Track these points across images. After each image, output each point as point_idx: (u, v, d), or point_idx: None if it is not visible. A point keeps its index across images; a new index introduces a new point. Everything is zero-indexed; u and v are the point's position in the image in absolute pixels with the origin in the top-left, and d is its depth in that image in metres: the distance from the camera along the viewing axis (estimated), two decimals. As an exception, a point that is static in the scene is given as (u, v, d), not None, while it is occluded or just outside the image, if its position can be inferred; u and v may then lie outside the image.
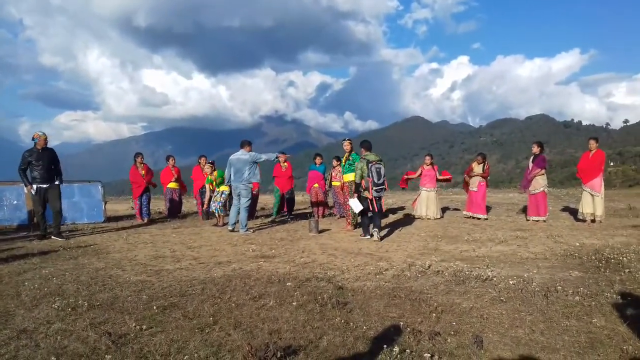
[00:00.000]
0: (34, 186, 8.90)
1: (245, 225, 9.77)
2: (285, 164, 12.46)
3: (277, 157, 10.44)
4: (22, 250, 7.72)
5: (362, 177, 8.71)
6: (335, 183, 11.98)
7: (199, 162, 12.64)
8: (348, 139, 10.37)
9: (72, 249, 7.84)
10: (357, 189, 8.86)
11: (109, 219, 12.43)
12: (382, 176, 8.62)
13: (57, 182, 9.24)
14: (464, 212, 11.87)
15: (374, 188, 8.50)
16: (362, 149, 9.07)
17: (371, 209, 8.59)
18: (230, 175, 9.83)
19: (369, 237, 8.65)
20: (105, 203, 12.59)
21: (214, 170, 11.37)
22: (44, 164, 9.01)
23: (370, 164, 8.58)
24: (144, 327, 3.84)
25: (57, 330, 3.83)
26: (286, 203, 12.63)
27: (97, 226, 11.27)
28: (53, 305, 4.46)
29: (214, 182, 11.18)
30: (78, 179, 12.79)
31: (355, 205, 8.81)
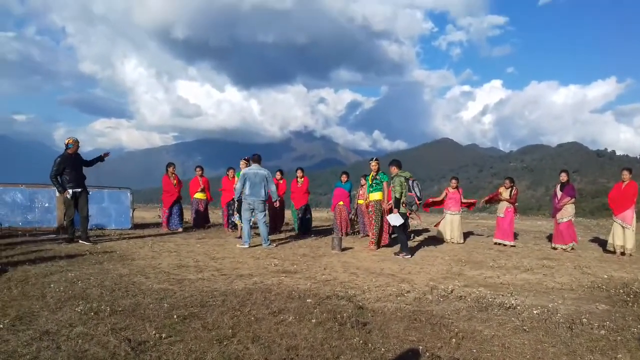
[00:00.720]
0: (70, 190, 9.11)
1: (268, 239, 9.79)
2: (302, 179, 12.51)
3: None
4: (50, 253, 7.89)
5: (402, 193, 8.98)
6: (360, 201, 11.97)
7: (227, 174, 12.77)
8: (376, 159, 10.46)
9: (98, 254, 7.97)
10: (398, 205, 9.04)
11: (136, 226, 12.62)
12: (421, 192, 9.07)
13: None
14: (494, 239, 11.68)
15: (420, 202, 9.00)
16: (394, 167, 9.24)
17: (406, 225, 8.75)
18: (244, 188, 9.74)
19: (410, 256, 8.87)
20: (134, 210, 12.79)
21: None
22: (77, 169, 9.24)
23: (408, 180, 8.98)
24: (164, 335, 3.87)
25: (78, 333, 3.88)
26: (301, 223, 12.62)
27: (123, 232, 11.45)
28: (76, 309, 4.54)
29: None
30: (109, 185, 13.04)
31: (396, 220, 8.99)
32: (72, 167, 9.16)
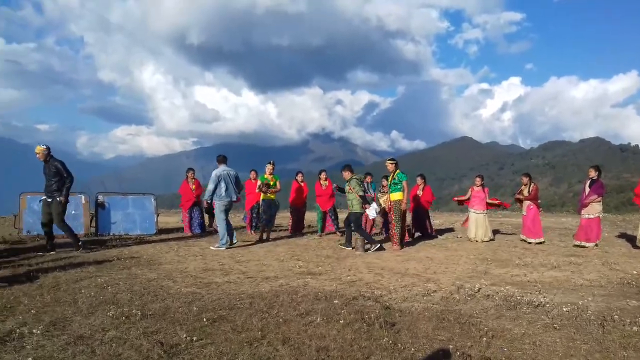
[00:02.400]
0: (42, 197, 9.12)
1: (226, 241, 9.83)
2: (326, 182, 12.51)
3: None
4: (78, 259, 8.02)
5: (364, 191, 10.15)
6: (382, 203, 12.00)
7: (250, 177, 12.84)
8: (390, 160, 10.54)
9: (125, 259, 8.08)
10: (365, 201, 9.95)
11: (160, 231, 12.76)
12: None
13: (59, 198, 8.94)
14: (520, 235, 11.59)
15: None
16: (347, 172, 10.06)
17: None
18: (218, 190, 9.77)
19: (378, 245, 9.67)
20: (158, 215, 12.94)
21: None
22: (47, 176, 9.01)
23: (362, 182, 10.33)
24: (195, 338, 3.92)
25: (112, 337, 3.95)
26: (332, 221, 12.67)
27: (149, 238, 11.59)
28: (108, 313, 4.62)
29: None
30: (131, 191, 13.23)
31: (373, 213, 10.01)
32: (45, 175, 9.03)
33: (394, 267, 7.82)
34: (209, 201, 10.09)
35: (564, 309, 5.05)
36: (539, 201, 11.49)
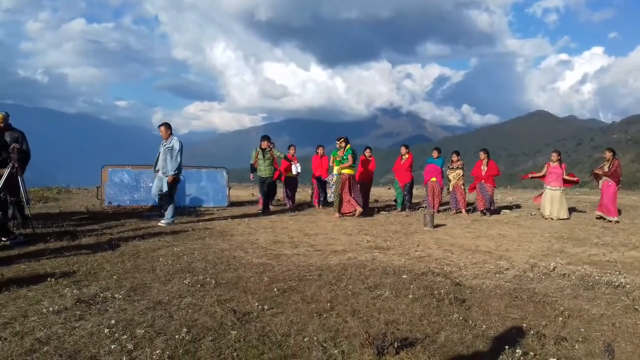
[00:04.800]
0: None
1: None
2: (407, 155, 12.40)
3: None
4: (156, 229, 8.41)
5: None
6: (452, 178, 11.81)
7: (317, 152, 12.91)
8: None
9: (199, 230, 8.39)
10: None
11: (232, 204, 13.13)
12: None
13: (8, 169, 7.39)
14: (596, 212, 11.09)
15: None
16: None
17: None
18: (177, 163, 9.07)
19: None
20: (229, 189, 13.30)
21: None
22: None
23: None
24: (266, 307, 4.03)
25: (188, 304, 4.13)
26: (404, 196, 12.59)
27: (221, 209, 11.95)
28: (184, 281, 4.82)
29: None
30: (205, 165, 13.65)
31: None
32: None
33: (464, 243, 7.68)
34: (177, 175, 9.14)
35: (647, 291, 4.80)
36: (620, 178, 10.88)
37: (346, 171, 10.74)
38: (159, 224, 8.99)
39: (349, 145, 10.75)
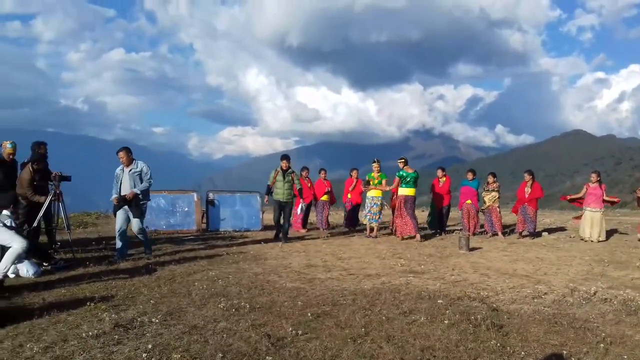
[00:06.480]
0: None
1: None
2: (444, 178, 12.34)
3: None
4: (191, 253, 8.51)
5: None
6: (487, 200, 11.66)
7: (351, 175, 12.92)
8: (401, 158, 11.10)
9: (234, 254, 8.45)
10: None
11: (265, 228, 13.20)
12: None
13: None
14: (638, 234, 10.75)
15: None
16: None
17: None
18: (149, 185, 8.24)
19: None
20: (263, 212, 13.40)
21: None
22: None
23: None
24: (300, 332, 4.03)
25: (222, 328, 4.16)
26: (439, 219, 12.46)
27: (255, 233, 12.03)
28: (219, 305, 4.86)
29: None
30: (238, 189, 13.81)
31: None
32: None
33: (500, 267, 7.53)
34: (141, 197, 8.10)
35: (695, 317, 4.62)
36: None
37: (403, 192, 10.74)
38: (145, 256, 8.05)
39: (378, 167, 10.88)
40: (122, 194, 7.90)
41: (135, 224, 7.99)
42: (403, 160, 11.03)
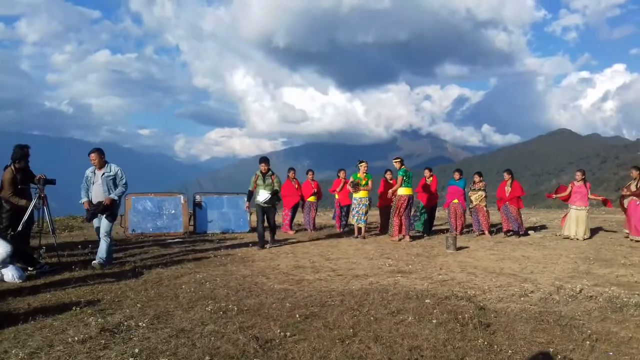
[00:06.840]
0: None
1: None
2: (430, 178, 12.39)
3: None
4: (178, 256, 8.47)
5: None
6: (474, 199, 11.73)
7: (339, 176, 12.92)
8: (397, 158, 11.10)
9: (221, 256, 8.42)
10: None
11: (253, 229, 13.15)
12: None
13: None
14: (624, 230, 10.90)
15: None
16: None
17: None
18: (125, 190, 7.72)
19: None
20: (251, 214, 13.35)
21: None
22: None
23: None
24: (288, 334, 4.03)
25: (210, 331, 4.15)
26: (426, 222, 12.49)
27: (242, 235, 11.99)
28: (207, 308, 4.84)
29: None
30: (225, 191, 13.74)
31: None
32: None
33: (487, 266, 7.59)
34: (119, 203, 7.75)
35: (679, 313, 4.68)
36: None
37: (405, 192, 10.73)
38: (93, 263, 7.25)
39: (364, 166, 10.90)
40: (94, 198, 7.42)
41: (105, 225, 7.38)
42: (399, 160, 11.04)
